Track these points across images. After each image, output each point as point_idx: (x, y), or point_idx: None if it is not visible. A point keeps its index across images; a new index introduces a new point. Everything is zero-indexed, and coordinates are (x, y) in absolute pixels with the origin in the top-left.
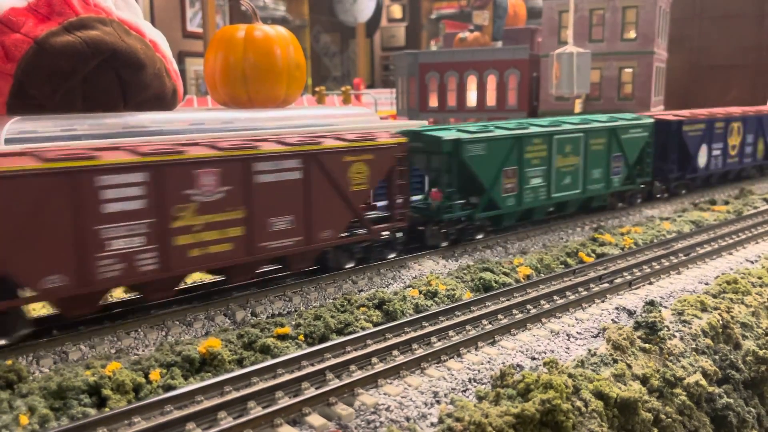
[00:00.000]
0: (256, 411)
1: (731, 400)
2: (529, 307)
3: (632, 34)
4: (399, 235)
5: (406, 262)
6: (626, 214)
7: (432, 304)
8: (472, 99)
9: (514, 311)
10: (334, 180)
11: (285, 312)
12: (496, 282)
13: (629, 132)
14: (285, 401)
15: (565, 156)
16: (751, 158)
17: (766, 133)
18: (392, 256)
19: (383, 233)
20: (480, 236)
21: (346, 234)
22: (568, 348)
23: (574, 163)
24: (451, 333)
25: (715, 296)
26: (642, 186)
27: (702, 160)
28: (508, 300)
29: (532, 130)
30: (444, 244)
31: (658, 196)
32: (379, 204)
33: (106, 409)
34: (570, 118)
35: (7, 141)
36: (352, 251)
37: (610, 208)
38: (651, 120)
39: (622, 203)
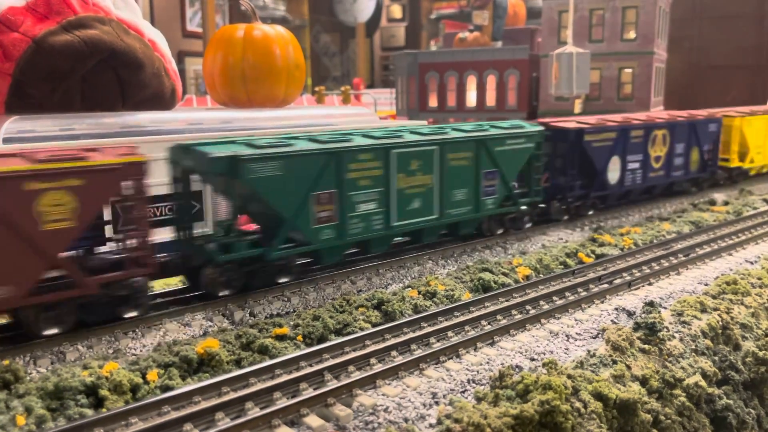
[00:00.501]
0: (254, 412)
1: (731, 401)
2: (528, 307)
3: (632, 35)
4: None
5: (405, 263)
6: (508, 242)
7: (431, 305)
8: (471, 99)
9: (513, 312)
10: (8, 216)
11: (283, 312)
12: (495, 282)
13: (506, 143)
14: (283, 402)
15: (411, 174)
16: (683, 171)
17: (701, 141)
18: (132, 314)
19: (128, 282)
20: (285, 279)
21: (43, 290)
22: (567, 349)
23: (425, 183)
24: (450, 333)
25: (714, 297)
26: (528, 208)
27: (613, 174)
28: (507, 300)
29: (358, 142)
30: (224, 292)
31: (556, 218)
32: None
33: (104, 410)
34: (420, 127)
35: (6, 140)
36: (59, 312)
37: (488, 235)
38: (538, 128)
39: (502, 229)
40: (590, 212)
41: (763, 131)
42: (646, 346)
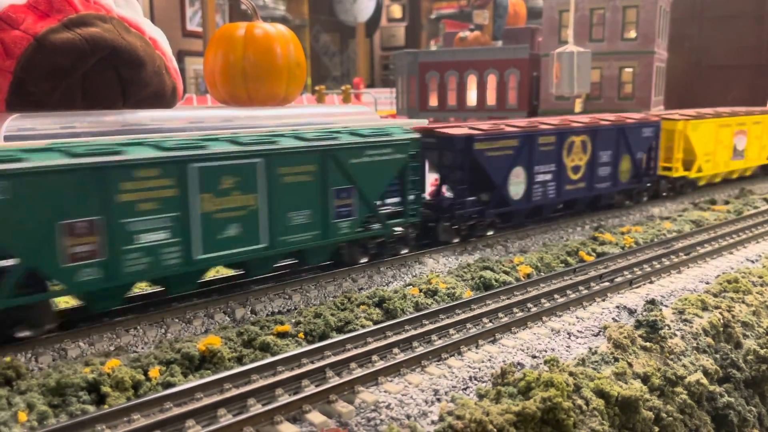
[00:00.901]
0: (256, 408)
1: (732, 399)
2: (529, 305)
3: (632, 34)
4: None
5: (407, 261)
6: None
7: (432, 303)
8: (472, 98)
9: (515, 309)
10: None
11: (285, 310)
12: (496, 280)
13: (365, 154)
14: (285, 398)
15: (223, 194)
16: (610, 182)
17: (633, 148)
18: None
19: None
20: (28, 334)
21: None
22: (568, 346)
23: (246, 205)
24: (451, 331)
25: (715, 295)
26: (403, 230)
27: (516, 188)
28: (508, 298)
29: (135, 154)
30: None
31: (445, 240)
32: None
33: (105, 406)
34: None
35: (6, 138)
36: None
37: (348, 263)
38: (411, 135)
39: (367, 257)
40: (489, 232)
41: (713, 136)
42: (648, 344)
